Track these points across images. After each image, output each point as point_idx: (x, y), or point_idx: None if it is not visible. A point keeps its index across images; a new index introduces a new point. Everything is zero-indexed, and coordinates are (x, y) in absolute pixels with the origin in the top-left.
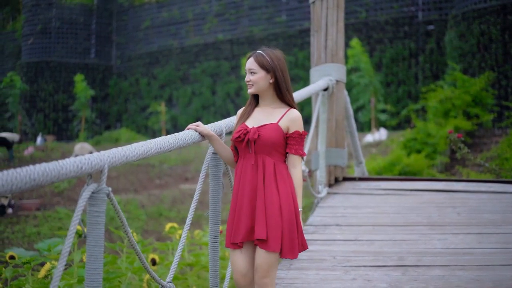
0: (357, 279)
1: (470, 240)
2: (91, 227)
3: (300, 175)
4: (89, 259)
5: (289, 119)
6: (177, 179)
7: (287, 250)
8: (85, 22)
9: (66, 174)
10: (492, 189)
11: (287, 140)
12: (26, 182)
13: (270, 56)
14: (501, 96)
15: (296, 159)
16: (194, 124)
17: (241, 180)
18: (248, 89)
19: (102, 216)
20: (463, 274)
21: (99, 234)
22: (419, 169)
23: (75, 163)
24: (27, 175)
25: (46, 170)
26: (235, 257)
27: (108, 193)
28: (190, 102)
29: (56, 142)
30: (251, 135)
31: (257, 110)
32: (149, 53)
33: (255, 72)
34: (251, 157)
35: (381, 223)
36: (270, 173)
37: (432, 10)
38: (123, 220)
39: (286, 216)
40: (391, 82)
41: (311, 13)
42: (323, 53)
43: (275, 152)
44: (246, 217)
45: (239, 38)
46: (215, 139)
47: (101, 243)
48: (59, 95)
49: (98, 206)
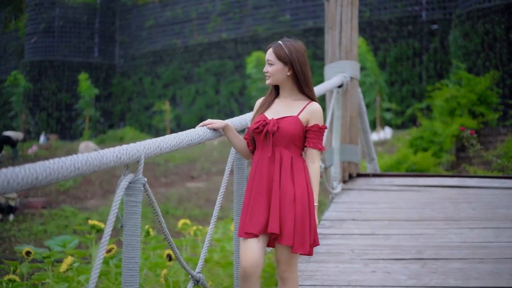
0: (376, 272)
1: (486, 234)
2: (128, 217)
3: (318, 170)
4: (126, 248)
5: (309, 112)
6: (183, 178)
7: (297, 245)
8: (89, 21)
9: (107, 164)
10: (505, 185)
11: (306, 134)
12: (71, 170)
13: (289, 48)
14: (505, 95)
15: (315, 154)
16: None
17: (257, 172)
18: (266, 80)
19: (139, 206)
20: (482, 267)
21: (136, 224)
22: (426, 167)
23: (114, 153)
24: (72, 164)
25: (88, 160)
26: (247, 247)
27: (144, 184)
28: (194, 101)
29: (59, 141)
30: (270, 126)
31: (277, 102)
32: (153, 52)
33: (273, 64)
34: (268, 149)
35: (396, 218)
36: (286, 166)
37: (436, 9)
38: (158, 212)
39: (299, 210)
40: (395, 81)
41: (325, 11)
42: (338, 50)
43: (293, 145)
44: (264, 209)
45: (243, 37)
46: (230, 128)
47: (138, 232)
48: (62, 94)
49: (135, 196)
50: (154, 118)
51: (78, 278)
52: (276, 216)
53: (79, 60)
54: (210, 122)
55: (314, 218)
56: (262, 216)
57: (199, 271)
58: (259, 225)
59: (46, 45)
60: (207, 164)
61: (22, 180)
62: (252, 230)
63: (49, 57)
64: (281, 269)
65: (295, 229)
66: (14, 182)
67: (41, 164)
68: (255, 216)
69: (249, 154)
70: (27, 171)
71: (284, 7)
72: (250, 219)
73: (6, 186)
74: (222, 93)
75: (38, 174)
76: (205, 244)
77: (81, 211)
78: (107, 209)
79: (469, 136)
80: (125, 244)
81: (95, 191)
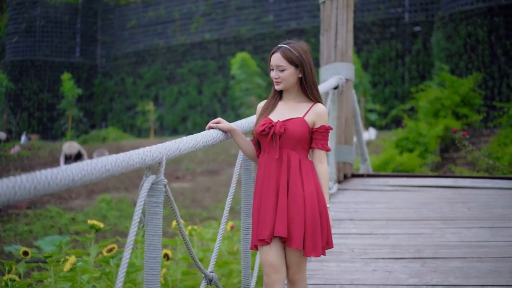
0: (377, 271)
1: (483, 233)
2: (150, 217)
3: (327, 170)
4: (148, 248)
5: (316, 113)
6: (168, 178)
7: (309, 248)
8: (70, 21)
9: (133, 165)
10: (499, 185)
11: (313, 135)
12: (103, 172)
13: (298, 50)
14: (487, 97)
15: (322, 154)
16: (215, 121)
17: (266, 175)
18: (275, 86)
19: (161, 207)
20: (481, 266)
21: (157, 224)
22: (411, 167)
23: (139, 154)
24: (103, 165)
25: (117, 161)
26: (264, 254)
27: (165, 184)
28: (177, 102)
29: (41, 141)
30: (277, 129)
31: (281, 104)
32: (135, 52)
33: (285, 69)
34: (275, 152)
35: (394, 218)
36: (295, 168)
37: (418, 11)
38: (176, 212)
39: (309, 213)
40: (377, 82)
41: (320, 13)
42: (333, 52)
43: (300, 147)
44: (272, 213)
45: (226, 38)
46: (237, 133)
47: (159, 232)
48: (44, 94)
49: (156, 197)
50: (137, 118)
51: (81, 277)
52: (284, 219)
53: (60, 60)
54: (218, 121)
55: (326, 220)
56: (271, 220)
57: (211, 270)
58: (269, 229)
59: (28, 45)
60: (192, 165)
61: (60, 181)
62: (263, 236)
63: (30, 57)
64: (291, 272)
65: (306, 233)
66: (54, 183)
67: (76, 166)
68: (265, 221)
69: (256, 158)
70: (64, 173)
71: (267, 8)
72: (261, 225)
73: (47, 188)
74: (205, 94)
75: (74, 175)
76: (216, 244)
77: (66, 211)
78: (92, 210)
79: (461, 137)
80: (147, 244)
81: (80, 192)
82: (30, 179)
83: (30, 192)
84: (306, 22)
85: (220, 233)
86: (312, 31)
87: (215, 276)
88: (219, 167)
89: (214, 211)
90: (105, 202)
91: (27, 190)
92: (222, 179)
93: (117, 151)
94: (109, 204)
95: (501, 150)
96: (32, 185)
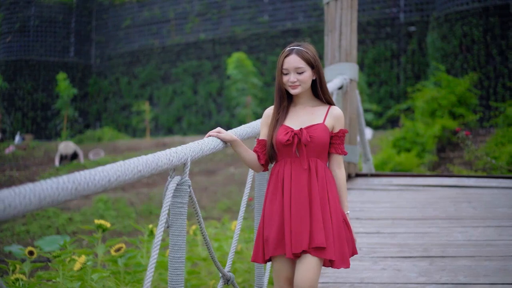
0: (386, 269)
1: (490, 232)
2: (175, 218)
3: (345, 176)
4: (172, 248)
5: (334, 117)
6: (165, 178)
7: (339, 260)
8: (64, 20)
9: (161, 166)
10: (503, 184)
11: (332, 140)
12: (135, 173)
13: (311, 51)
14: (483, 97)
15: (340, 159)
16: (215, 131)
17: (293, 186)
18: (292, 90)
19: (185, 207)
20: (489, 265)
21: (182, 224)
22: (409, 167)
23: (166, 156)
24: (135, 166)
25: (147, 162)
26: (284, 267)
27: (190, 185)
28: (171, 102)
29: (36, 141)
30: (304, 137)
31: (295, 110)
32: (130, 52)
33: (304, 71)
34: (301, 161)
35: (400, 217)
36: (322, 177)
37: (413, 11)
38: (198, 212)
39: (335, 223)
40: (373, 82)
41: (325, 14)
42: (337, 52)
43: (323, 154)
44: (306, 225)
45: (221, 38)
46: (238, 143)
47: (183, 232)
48: (38, 93)
49: (181, 197)
50: (132, 118)
51: (91, 276)
52: (321, 229)
53: (54, 59)
54: (218, 131)
55: (350, 228)
56: (306, 232)
57: (228, 270)
58: (304, 242)
59: (22, 45)
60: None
61: (98, 182)
62: (299, 250)
63: (24, 56)
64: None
65: (334, 244)
66: (92, 184)
67: (111, 167)
68: (299, 234)
69: (259, 167)
70: (101, 174)
71: (262, 8)
72: (295, 238)
73: (86, 188)
74: (200, 94)
75: (110, 176)
76: (233, 244)
77: (63, 211)
78: (89, 209)
79: (464, 136)
80: (171, 244)
81: None
82: (71, 180)
83: (71, 193)
84: (301, 22)
85: (236, 233)
86: (307, 31)
87: (233, 276)
88: (216, 167)
89: (211, 211)
90: (102, 202)
91: (69, 191)
92: (219, 179)
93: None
94: (106, 204)
95: (499, 150)
96: (74, 186)
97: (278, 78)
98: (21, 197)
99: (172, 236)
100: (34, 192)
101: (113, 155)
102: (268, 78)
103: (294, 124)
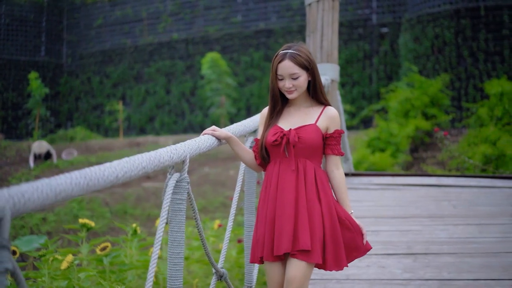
0: (371, 266)
1: (471, 230)
2: (174, 214)
3: (344, 176)
4: (171, 244)
5: (328, 117)
6: (139, 178)
7: (331, 262)
8: (35, 19)
9: (163, 163)
10: (482, 183)
11: (327, 141)
12: (140, 169)
13: (305, 53)
14: (454, 98)
15: (338, 160)
16: (210, 129)
17: (279, 187)
18: (288, 95)
19: (184, 204)
20: (472, 261)
21: (181, 220)
22: (384, 167)
23: (167, 153)
24: (139, 163)
25: (150, 159)
26: (273, 270)
27: (188, 182)
28: (144, 101)
29: (7, 141)
30: (291, 138)
31: (289, 111)
32: (102, 52)
33: (299, 76)
34: (289, 162)
35: (383, 215)
36: (311, 178)
37: (386, 13)
38: (195, 209)
39: (328, 226)
40: (345, 83)
41: (306, 15)
42: (319, 53)
43: (314, 155)
44: (289, 227)
45: (194, 37)
46: (234, 141)
47: (182, 229)
48: (8, 93)
49: (180, 194)
50: (105, 118)
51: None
52: (307, 232)
53: (25, 58)
54: (214, 129)
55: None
56: (290, 234)
57: (221, 266)
58: (288, 244)
59: None
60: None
61: (108, 178)
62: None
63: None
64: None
65: (327, 247)
66: (102, 180)
67: (118, 164)
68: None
69: (257, 166)
70: (110, 169)
71: (235, 9)
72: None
73: (96, 184)
74: (173, 93)
75: (118, 172)
76: (225, 241)
77: (36, 211)
78: (63, 209)
79: (442, 137)
80: (170, 240)
81: None
82: (83, 175)
83: (83, 188)
84: (275, 22)
85: (228, 230)
86: (280, 32)
87: (226, 273)
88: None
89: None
90: (76, 202)
91: (81, 186)
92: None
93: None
94: (80, 204)
95: (471, 150)
96: (85, 181)
97: (273, 82)
98: (38, 192)
99: (172, 232)
100: (51, 187)
101: (86, 155)
102: (241, 78)
103: (286, 125)
